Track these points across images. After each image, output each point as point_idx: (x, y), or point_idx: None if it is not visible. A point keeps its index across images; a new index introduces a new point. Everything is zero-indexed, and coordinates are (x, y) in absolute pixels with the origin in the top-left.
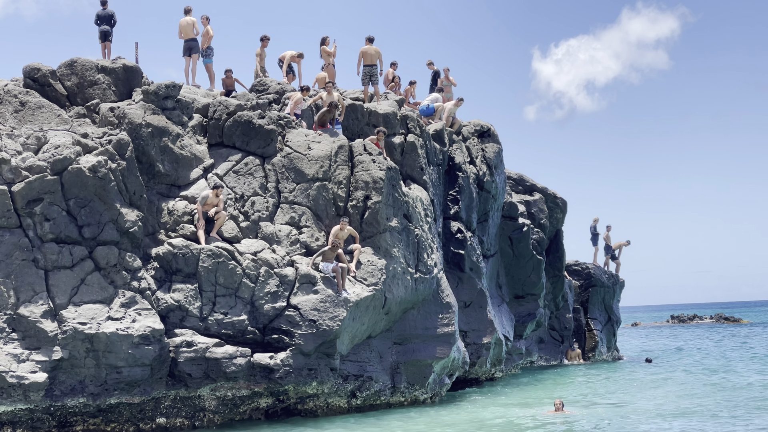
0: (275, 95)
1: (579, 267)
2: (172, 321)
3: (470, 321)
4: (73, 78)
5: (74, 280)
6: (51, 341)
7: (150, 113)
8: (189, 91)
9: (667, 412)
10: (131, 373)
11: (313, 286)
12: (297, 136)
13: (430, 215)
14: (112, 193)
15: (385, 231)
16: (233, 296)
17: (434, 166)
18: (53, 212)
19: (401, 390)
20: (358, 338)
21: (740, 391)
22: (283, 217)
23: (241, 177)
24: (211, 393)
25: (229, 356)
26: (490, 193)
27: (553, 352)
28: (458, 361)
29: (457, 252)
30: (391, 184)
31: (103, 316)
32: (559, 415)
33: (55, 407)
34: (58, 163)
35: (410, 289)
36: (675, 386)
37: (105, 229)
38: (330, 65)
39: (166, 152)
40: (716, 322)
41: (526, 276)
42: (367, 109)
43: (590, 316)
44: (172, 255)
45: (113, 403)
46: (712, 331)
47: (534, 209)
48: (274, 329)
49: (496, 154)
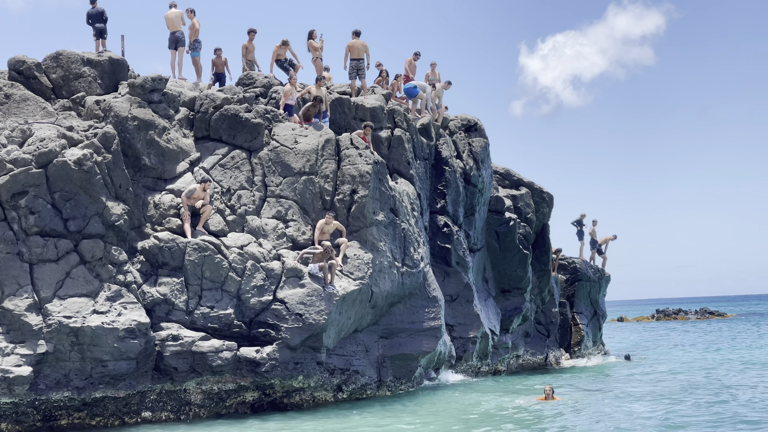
0: (262, 89)
1: (565, 261)
2: (158, 315)
3: (456, 315)
4: (58, 71)
5: (59, 274)
6: (36, 335)
7: (136, 106)
8: (175, 85)
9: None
10: (116, 367)
11: (300, 279)
12: (284, 130)
13: (416, 209)
14: (98, 187)
15: (371, 225)
16: (219, 290)
17: (421, 160)
18: (38, 205)
19: (387, 384)
20: (344, 332)
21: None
22: (270, 210)
23: (227, 171)
24: (197, 387)
25: (215, 350)
26: (477, 188)
27: (539, 347)
28: (444, 355)
29: (443, 246)
30: (377, 178)
31: (88, 309)
32: (548, 402)
33: (40, 401)
34: (43, 156)
35: (397, 283)
36: (657, 385)
37: (90, 222)
38: (317, 59)
39: (152, 145)
40: (701, 317)
41: (512, 270)
42: (354, 103)
43: (576, 310)
44: (158, 248)
45: (98, 397)
46: (697, 327)
47: (520, 203)
48: (260, 323)
49: (482, 148)
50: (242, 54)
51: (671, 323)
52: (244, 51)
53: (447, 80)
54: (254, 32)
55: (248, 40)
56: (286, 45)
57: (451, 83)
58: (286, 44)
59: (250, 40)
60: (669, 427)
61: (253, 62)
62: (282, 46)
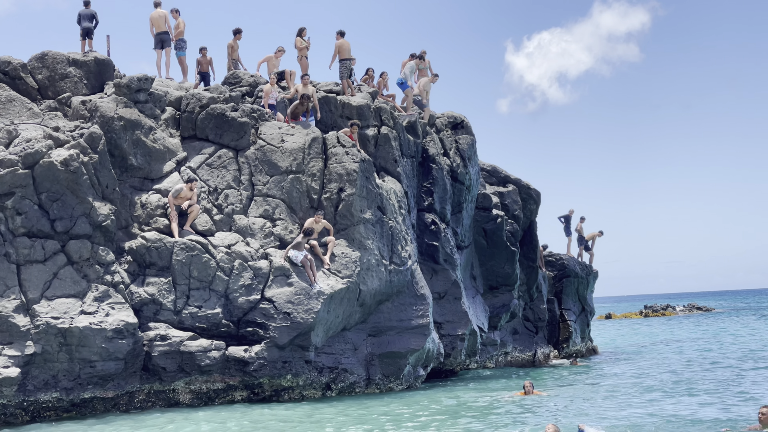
0: (248, 88)
1: (553, 258)
2: (146, 315)
3: (445, 312)
4: (44, 71)
5: (47, 275)
6: (23, 336)
7: (122, 106)
8: (161, 84)
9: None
10: (105, 368)
11: (288, 278)
12: (270, 129)
13: (404, 207)
14: (85, 187)
15: (359, 223)
16: (207, 289)
17: (408, 157)
18: (25, 206)
19: (376, 382)
20: (332, 330)
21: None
22: (257, 209)
23: (214, 170)
24: (186, 386)
25: (203, 349)
26: (464, 185)
27: (527, 343)
28: (433, 353)
29: (431, 244)
30: (364, 176)
31: (76, 310)
32: (528, 397)
33: (29, 402)
34: (29, 156)
35: (384, 281)
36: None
37: (77, 222)
38: (303, 58)
39: (138, 145)
40: (689, 312)
41: (500, 267)
42: (341, 102)
43: (564, 306)
44: (145, 248)
45: (87, 398)
46: (687, 322)
47: (508, 200)
48: (248, 322)
49: (469, 145)
50: (228, 53)
51: (659, 319)
52: (230, 50)
53: (434, 73)
54: (240, 32)
55: (234, 39)
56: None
57: (438, 76)
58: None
59: (236, 40)
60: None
61: (237, 61)
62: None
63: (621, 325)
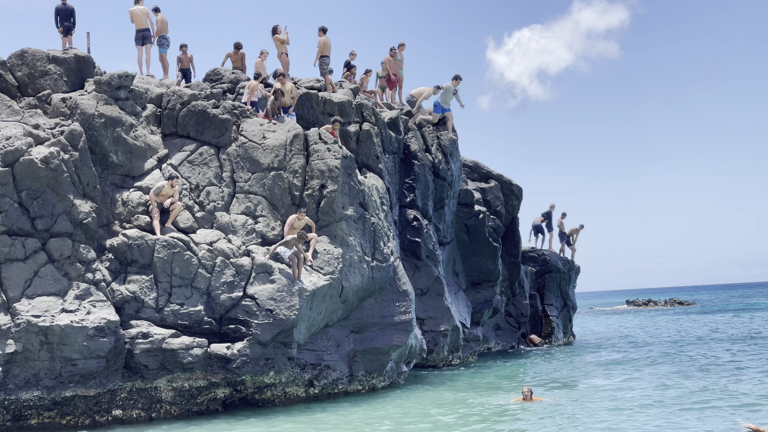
0: (229, 84)
1: (535, 253)
2: (128, 312)
3: (427, 308)
4: (23, 68)
5: (27, 273)
6: (4, 334)
7: (103, 103)
8: (142, 81)
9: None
10: (86, 366)
11: (270, 275)
12: (252, 126)
13: (386, 203)
14: (65, 185)
15: (341, 220)
16: (189, 287)
17: (390, 154)
18: (5, 204)
19: (359, 378)
20: (315, 327)
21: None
22: (239, 206)
23: (195, 167)
24: (168, 384)
25: (185, 347)
26: (446, 181)
27: (509, 339)
28: (416, 349)
29: (413, 240)
30: (346, 173)
31: (57, 308)
32: (527, 403)
33: (9, 401)
34: (9, 154)
35: (367, 278)
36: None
37: (58, 220)
38: (283, 54)
39: (119, 143)
40: (670, 306)
41: (482, 263)
42: (322, 98)
43: (546, 302)
44: (126, 246)
45: (68, 396)
46: (666, 316)
47: (490, 196)
48: (230, 319)
49: (451, 141)
50: (233, 64)
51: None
52: (228, 59)
53: (436, 85)
54: (241, 47)
55: (233, 52)
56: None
57: (440, 88)
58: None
59: (238, 53)
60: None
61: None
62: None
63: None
